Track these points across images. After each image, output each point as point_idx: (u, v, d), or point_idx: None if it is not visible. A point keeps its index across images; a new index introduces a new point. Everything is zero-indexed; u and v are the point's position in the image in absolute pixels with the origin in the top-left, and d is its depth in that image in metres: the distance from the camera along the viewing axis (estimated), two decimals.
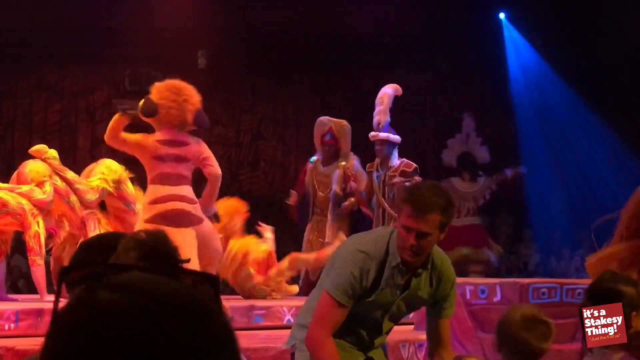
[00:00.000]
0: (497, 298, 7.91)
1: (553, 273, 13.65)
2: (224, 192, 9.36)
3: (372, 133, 9.73)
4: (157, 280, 1.06)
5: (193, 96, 7.55)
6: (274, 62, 16.18)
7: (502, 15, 16.67)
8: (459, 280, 5.61)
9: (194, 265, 6.65)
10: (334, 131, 9.92)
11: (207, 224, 7.47)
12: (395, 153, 9.65)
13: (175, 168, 7.30)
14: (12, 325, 6.80)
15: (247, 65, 16.09)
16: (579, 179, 15.30)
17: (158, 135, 7.36)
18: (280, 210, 12.42)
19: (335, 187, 9.77)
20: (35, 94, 15.92)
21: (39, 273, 7.64)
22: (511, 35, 16.65)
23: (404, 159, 9.66)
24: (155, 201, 7.18)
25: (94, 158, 16.38)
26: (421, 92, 15.80)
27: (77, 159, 15.35)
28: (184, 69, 15.98)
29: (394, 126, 9.95)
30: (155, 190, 7.23)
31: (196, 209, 7.37)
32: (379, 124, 9.65)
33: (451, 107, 16.00)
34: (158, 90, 7.40)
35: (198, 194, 7.72)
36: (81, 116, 15.78)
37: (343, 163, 9.83)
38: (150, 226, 6.57)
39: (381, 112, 9.76)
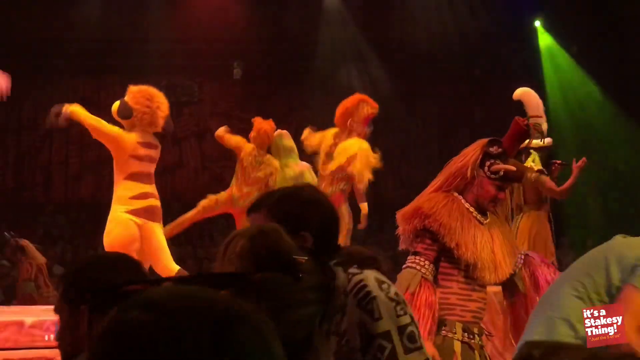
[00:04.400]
0: None
1: None
2: None
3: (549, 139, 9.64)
4: (186, 294, 1.06)
5: (164, 103, 7.97)
6: (306, 71, 16.22)
7: (537, 23, 16.63)
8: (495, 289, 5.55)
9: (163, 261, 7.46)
10: None
11: None
12: None
13: (148, 168, 7.83)
14: (52, 336, 6.84)
15: (282, 75, 16.14)
16: (616, 187, 15.20)
17: (135, 137, 7.79)
18: None
19: None
20: None
21: None
22: (546, 42, 16.60)
23: None
24: (134, 197, 7.69)
25: None
26: (455, 101, 15.78)
27: (113, 171, 15.45)
28: (220, 79, 16.08)
29: (431, 135, 9.94)
30: (132, 187, 7.72)
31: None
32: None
33: (486, 116, 15.94)
34: (134, 95, 7.84)
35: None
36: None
37: None
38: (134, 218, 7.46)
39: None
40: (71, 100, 13.94)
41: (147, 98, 7.84)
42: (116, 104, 7.94)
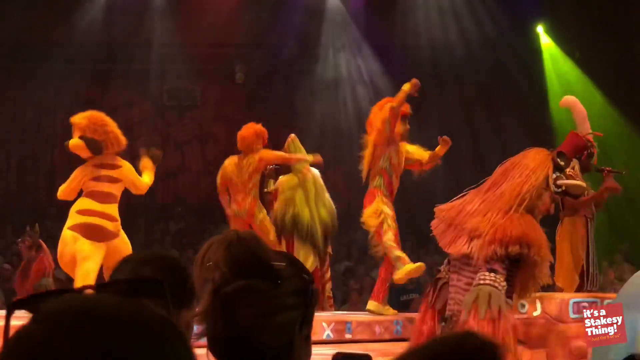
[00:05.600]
0: (537, 312, 7.84)
1: None
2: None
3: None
4: (88, 306, 1.03)
5: (111, 121, 8.26)
6: (309, 75, 16.23)
7: (539, 28, 16.62)
8: None
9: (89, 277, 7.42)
10: None
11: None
12: None
13: (107, 187, 8.11)
14: None
15: (284, 78, 16.15)
16: (619, 194, 15.15)
17: (92, 162, 8.17)
18: None
19: None
20: (74, 109, 16.02)
21: None
22: (549, 47, 16.59)
23: None
24: (78, 212, 7.96)
25: None
26: (459, 108, 15.79)
27: None
28: (222, 83, 16.09)
29: (434, 142, 9.98)
30: (83, 202, 8.02)
31: (115, 226, 8.03)
32: None
33: (490, 119, 15.94)
34: (89, 128, 8.10)
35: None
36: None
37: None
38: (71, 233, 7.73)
39: None
40: (74, 104, 14.00)
41: (101, 124, 8.12)
42: (77, 142, 8.13)
